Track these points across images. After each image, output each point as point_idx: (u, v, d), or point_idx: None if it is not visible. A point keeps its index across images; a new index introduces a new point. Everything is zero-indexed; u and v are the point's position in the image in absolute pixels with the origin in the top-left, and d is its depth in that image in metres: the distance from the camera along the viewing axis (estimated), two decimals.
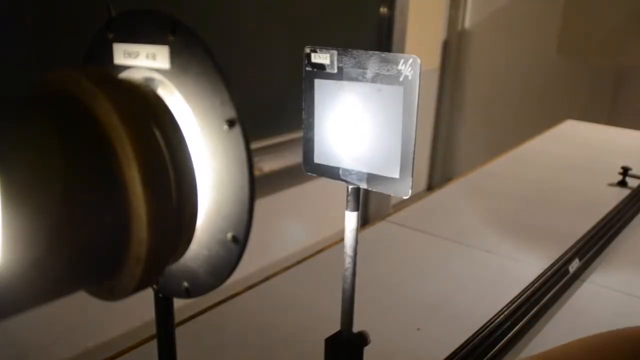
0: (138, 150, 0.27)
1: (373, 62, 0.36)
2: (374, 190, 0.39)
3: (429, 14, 2.56)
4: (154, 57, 0.32)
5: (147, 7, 0.32)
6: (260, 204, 0.33)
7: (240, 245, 0.31)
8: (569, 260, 0.76)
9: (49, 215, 0.25)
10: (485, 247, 0.86)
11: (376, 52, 0.36)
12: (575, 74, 2.39)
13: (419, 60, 0.34)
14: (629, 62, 2.22)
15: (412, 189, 0.37)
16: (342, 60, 0.38)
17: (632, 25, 2.14)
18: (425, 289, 0.74)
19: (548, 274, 0.72)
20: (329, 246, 0.85)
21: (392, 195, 0.38)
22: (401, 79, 0.35)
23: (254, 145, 1.52)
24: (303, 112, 0.41)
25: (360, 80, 0.37)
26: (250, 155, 0.30)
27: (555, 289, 0.70)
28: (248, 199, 0.30)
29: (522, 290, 0.69)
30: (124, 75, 0.34)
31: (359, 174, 0.39)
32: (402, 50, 2.05)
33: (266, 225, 1.58)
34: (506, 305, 0.65)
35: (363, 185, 0.39)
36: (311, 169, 0.42)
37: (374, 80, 0.37)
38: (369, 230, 0.92)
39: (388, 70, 0.36)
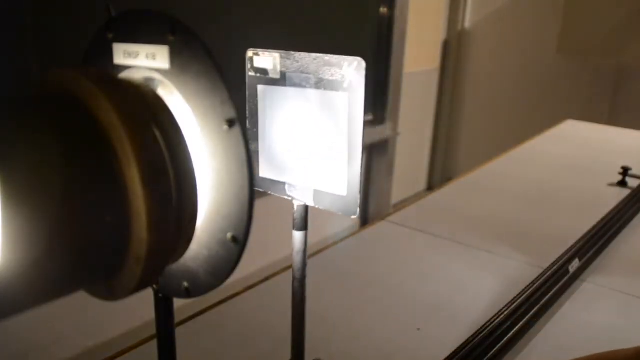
0: (138, 150, 0.27)
1: (317, 66, 0.34)
2: (320, 208, 0.36)
3: (429, 14, 2.56)
4: (154, 57, 0.32)
5: (147, 7, 0.32)
6: (261, 204, 0.33)
7: (240, 245, 0.31)
8: (569, 260, 0.76)
9: (49, 215, 0.25)
10: (485, 247, 0.86)
11: (320, 55, 0.34)
12: (575, 74, 2.39)
13: (363, 64, 0.32)
14: (629, 62, 2.22)
15: (359, 207, 0.34)
16: (285, 65, 0.35)
17: (632, 25, 2.14)
18: (425, 289, 0.74)
19: (548, 274, 0.72)
20: (329, 246, 0.85)
21: (339, 214, 0.34)
22: (346, 84, 0.32)
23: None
24: (247, 122, 0.38)
25: (304, 87, 0.34)
26: (250, 155, 0.30)
27: (555, 289, 0.70)
28: (248, 199, 0.30)
29: (522, 290, 0.69)
30: (124, 75, 0.34)
31: (305, 190, 0.36)
32: (402, 50, 2.04)
33: (266, 225, 1.58)
34: (506, 305, 0.65)
35: (310, 203, 0.36)
36: (257, 183, 0.39)
37: (317, 86, 0.34)
38: (369, 230, 0.92)
39: (332, 75, 0.33)
